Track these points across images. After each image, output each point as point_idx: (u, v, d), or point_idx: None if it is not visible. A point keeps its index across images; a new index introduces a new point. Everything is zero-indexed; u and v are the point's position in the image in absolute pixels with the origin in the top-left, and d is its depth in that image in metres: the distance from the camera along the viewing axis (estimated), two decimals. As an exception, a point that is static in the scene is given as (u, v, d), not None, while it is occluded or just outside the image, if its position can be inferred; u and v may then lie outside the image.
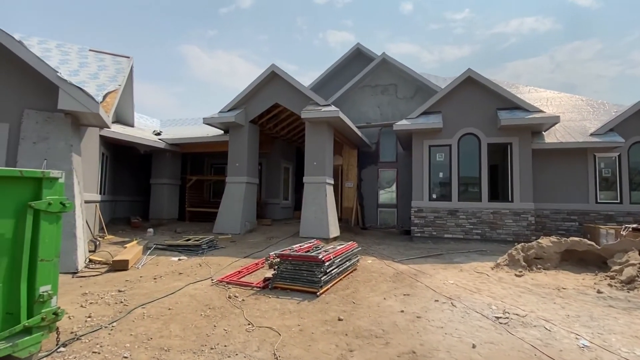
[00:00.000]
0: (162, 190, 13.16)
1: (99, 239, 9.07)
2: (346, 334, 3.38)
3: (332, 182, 10.32)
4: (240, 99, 10.66)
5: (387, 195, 14.52)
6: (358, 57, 16.51)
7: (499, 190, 10.86)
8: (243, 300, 4.43)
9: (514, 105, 9.92)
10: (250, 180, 10.98)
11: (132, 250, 7.16)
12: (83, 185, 8.38)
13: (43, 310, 2.66)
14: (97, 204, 9.76)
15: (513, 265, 6.37)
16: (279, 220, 13.53)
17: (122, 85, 9.15)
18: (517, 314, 3.88)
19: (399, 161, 14.15)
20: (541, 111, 9.72)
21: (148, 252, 7.60)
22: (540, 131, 10.43)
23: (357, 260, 6.34)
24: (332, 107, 9.39)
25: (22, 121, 6.04)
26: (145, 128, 14.62)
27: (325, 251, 5.27)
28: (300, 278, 4.73)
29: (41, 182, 2.72)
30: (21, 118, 6.06)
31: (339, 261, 5.22)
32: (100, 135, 9.83)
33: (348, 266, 5.61)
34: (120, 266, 6.08)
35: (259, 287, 4.90)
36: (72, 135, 6.39)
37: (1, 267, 2.51)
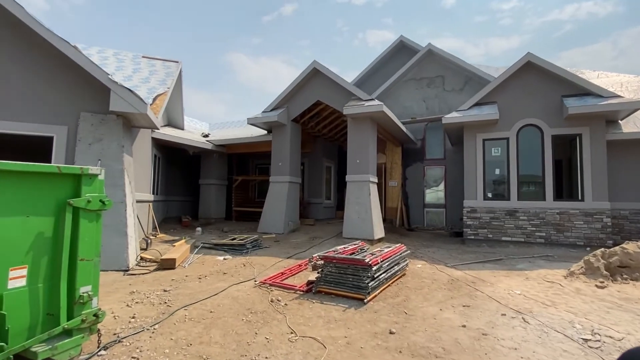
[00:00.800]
0: (210, 190, 13.56)
1: (151, 237, 9.47)
2: (400, 351, 2.99)
3: (376, 180, 9.86)
4: (282, 98, 10.58)
5: (434, 194, 13.69)
6: (401, 50, 15.81)
7: (566, 188, 9.68)
8: (286, 304, 4.20)
9: (584, 91, 8.74)
10: (293, 180, 10.87)
11: (180, 249, 7.31)
12: (136, 185, 8.78)
13: (83, 312, 2.60)
14: (150, 204, 10.20)
15: (592, 274, 5.50)
16: (322, 220, 13.31)
17: (170, 87, 9.48)
18: (610, 336, 3.21)
19: (447, 158, 13.26)
20: (618, 96, 8.46)
21: (195, 251, 7.72)
22: (616, 120, 9.11)
23: (406, 265, 5.87)
24: (376, 102, 8.93)
25: (79, 123, 6.38)
26: (195, 131, 15.17)
27: (372, 254, 4.88)
28: (345, 283, 4.40)
29: (80, 179, 2.67)
30: (78, 120, 6.39)
31: (387, 265, 4.81)
32: (152, 138, 10.29)
33: (397, 271, 5.17)
34: (167, 265, 6.18)
35: (302, 291, 4.65)
36: (124, 136, 6.64)
37: (41, 266, 2.47)
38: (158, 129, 7.65)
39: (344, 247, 5.56)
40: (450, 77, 13.40)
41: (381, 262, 4.56)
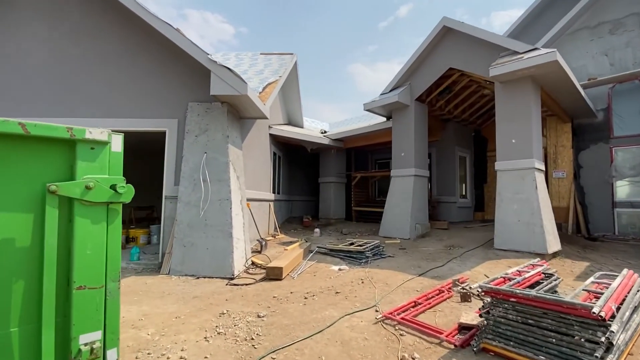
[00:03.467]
0: (329, 189, 12.77)
1: (271, 238, 9.03)
2: None
3: (543, 167, 7.03)
4: (404, 74, 8.75)
5: (631, 188, 9.48)
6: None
7: None
8: (428, 367, 2.51)
9: None
10: (420, 173, 8.90)
11: (291, 254, 6.36)
12: (255, 183, 8.43)
13: (81, 386, 1.53)
14: (271, 203, 9.86)
15: None
16: (457, 223, 10.83)
17: (283, 77, 8.90)
18: None
19: (657, 132, 8.98)
20: None
21: (309, 257, 6.69)
22: None
23: None
24: (542, 51, 6.17)
25: (186, 114, 6.08)
26: (314, 130, 14.72)
27: (597, 295, 2.70)
28: (540, 344, 2.41)
29: (74, 148, 1.61)
30: (186, 112, 6.10)
31: (627, 314, 2.55)
32: (270, 134, 9.97)
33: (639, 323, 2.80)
34: (274, 275, 5.23)
35: (453, 343, 2.85)
36: (229, 126, 6.07)
37: (12, 300, 1.48)
38: (267, 117, 6.95)
39: (520, 270, 3.46)
40: (655, 13, 9.06)
41: (616, 309, 2.37)
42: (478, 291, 2.99)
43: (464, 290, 3.94)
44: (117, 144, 1.76)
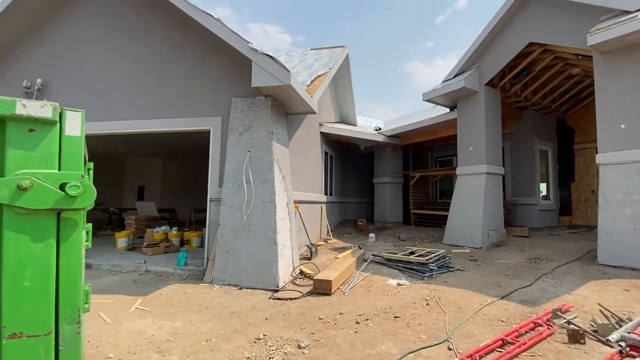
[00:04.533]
0: (384, 190, 11.88)
1: (323, 243, 8.44)
2: None
3: (667, 161, 5.41)
4: (471, 56, 7.57)
5: None
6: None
7: None
8: None
9: None
10: (493, 170, 7.63)
11: (342, 264, 5.67)
12: (306, 185, 7.91)
13: None
14: (323, 206, 9.31)
15: None
16: (539, 230, 9.22)
17: (333, 68, 8.29)
18: None
19: None
20: None
21: (362, 267, 5.95)
22: None
23: None
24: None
25: (230, 111, 5.72)
26: (368, 128, 13.92)
27: None
28: None
29: (2, 129, 1.10)
30: (229, 108, 5.74)
31: None
32: (321, 133, 9.43)
33: None
34: (322, 289, 4.57)
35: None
36: (274, 122, 5.57)
37: None
38: (315, 112, 6.36)
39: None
40: None
41: None
42: (616, 343, 1.96)
43: (573, 327, 2.89)
44: (73, 125, 1.23)
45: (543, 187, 10.42)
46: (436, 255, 5.75)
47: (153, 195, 13.88)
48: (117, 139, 8.82)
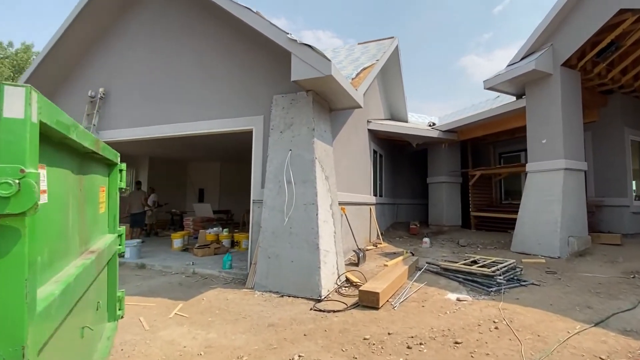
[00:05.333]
0: (439, 190, 10.97)
1: (369, 247, 7.93)
2: None
3: None
4: (542, 33, 6.51)
5: None
6: None
7: None
8: None
9: None
10: (573, 166, 6.49)
11: (393, 272, 5.13)
12: (353, 186, 7.48)
13: None
14: (372, 207, 8.80)
15: None
16: (632, 237, 7.73)
17: (380, 60, 7.74)
18: None
19: None
20: None
21: (415, 276, 5.35)
22: None
23: None
24: None
25: (271, 109, 5.49)
26: (420, 124, 13.06)
27: None
28: None
29: None
30: (271, 106, 5.51)
31: None
32: (369, 130, 8.92)
33: None
34: (368, 301, 4.10)
35: None
36: (316, 118, 5.22)
37: None
38: (360, 106, 5.88)
39: None
40: None
41: None
42: None
43: None
44: (14, 105, 0.93)
45: (635, 184, 8.77)
46: (504, 266, 4.94)
47: (212, 197, 14.47)
48: (177, 144, 9.21)
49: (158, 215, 11.56)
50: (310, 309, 4.04)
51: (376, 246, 8.19)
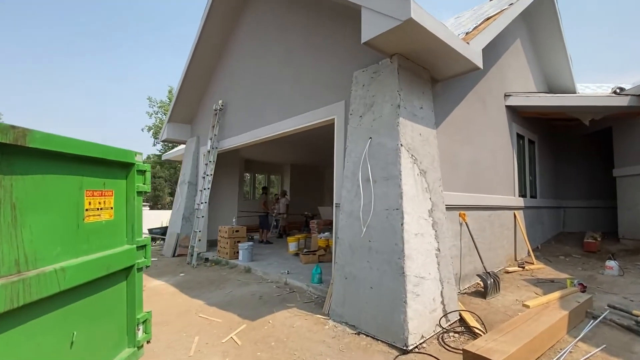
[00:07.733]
0: (636, 186, 7.34)
1: (512, 269, 5.72)
2: None
3: None
4: None
5: None
6: None
7: None
8: None
9: None
10: None
11: (539, 321, 3.20)
12: (487, 183, 5.55)
13: None
14: (516, 212, 6.51)
15: None
16: None
17: (515, 4, 5.38)
18: None
19: None
20: None
21: (585, 329, 3.26)
22: None
23: None
24: None
25: (351, 90, 4.35)
26: (595, 93, 9.29)
27: None
28: None
29: None
30: (351, 87, 4.37)
31: None
32: (507, 107, 6.62)
33: None
34: (480, 371, 2.46)
35: None
36: (403, 91, 3.76)
37: None
38: (478, 67, 3.98)
39: None
40: None
41: None
42: None
43: None
44: None
45: None
46: None
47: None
48: (273, 145, 9.46)
49: (288, 218, 12.11)
50: (382, 368, 2.71)
51: (523, 267, 5.86)
